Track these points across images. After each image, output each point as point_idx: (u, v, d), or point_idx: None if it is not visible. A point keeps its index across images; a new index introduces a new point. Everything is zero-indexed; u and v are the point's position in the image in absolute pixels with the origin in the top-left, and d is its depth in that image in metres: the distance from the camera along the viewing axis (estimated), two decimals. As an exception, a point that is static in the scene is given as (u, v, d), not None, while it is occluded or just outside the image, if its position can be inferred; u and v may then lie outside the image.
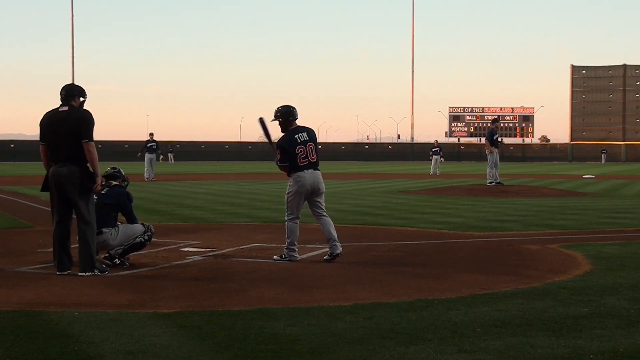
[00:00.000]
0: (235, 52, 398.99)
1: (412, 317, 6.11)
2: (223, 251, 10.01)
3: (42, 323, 5.89)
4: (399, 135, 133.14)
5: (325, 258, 9.23)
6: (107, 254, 8.90)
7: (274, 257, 9.39)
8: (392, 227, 13.22)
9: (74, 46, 77.16)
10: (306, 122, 14.70)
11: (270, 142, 10.00)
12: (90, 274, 8.16)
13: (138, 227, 9.07)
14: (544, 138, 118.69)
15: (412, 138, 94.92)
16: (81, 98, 8.48)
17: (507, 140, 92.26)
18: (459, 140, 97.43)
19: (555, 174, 42.61)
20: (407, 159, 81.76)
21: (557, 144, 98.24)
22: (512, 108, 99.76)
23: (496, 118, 27.47)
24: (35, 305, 6.59)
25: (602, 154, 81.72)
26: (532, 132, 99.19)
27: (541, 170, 51.49)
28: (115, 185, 9.21)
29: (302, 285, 7.61)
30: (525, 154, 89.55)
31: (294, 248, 9.29)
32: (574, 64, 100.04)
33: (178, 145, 76.30)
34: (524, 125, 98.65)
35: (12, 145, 70.92)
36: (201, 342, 5.34)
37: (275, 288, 7.42)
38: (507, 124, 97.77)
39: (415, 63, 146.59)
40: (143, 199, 19.81)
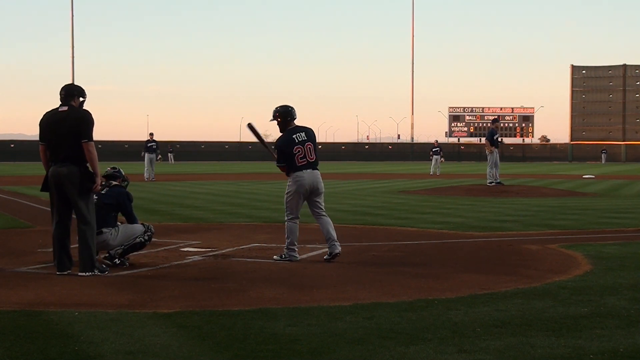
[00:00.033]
0: (235, 52, 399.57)
1: (412, 317, 6.11)
2: (223, 251, 10.01)
3: (42, 323, 5.89)
4: (399, 135, 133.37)
5: (325, 258, 9.24)
6: (107, 254, 8.90)
7: (274, 257, 9.38)
8: (392, 227, 13.21)
9: (74, 46, 77.25)
10: (306, 122, 14.70)
11: (264, 144, 10.01)
12: (90, 274, 8.16)
13: (138, 227, 9.07)
14: (544, 138, 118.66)
15: (412, 138, 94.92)
16: (81, 98, 8.47)
17: (507, 140, 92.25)
18: (459, 140, 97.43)
19: (555, 174, 42.60)
20: (407, 159, 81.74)
21: (557, 144, 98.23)
22: (512, 108, 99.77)
23: (496, 118, 27.47)
24: (35, 305, 6.58)
25: (602, 154, 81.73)
26: (532, 132, 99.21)
27: (541, 170, 51.48)
28: (115, 185, 9.21)
29: (302, 285, 7.61)
30: (525, 154, 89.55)
31: (294, 248, 9.29)
32: (574, 64, 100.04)
33: (178, 145, 76.27)
34: (524, 125, 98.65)
35: (12, 145, 70.91)
36: (201, 342, 5.34)
37: (275, 288, 7.42)
38: (507, 124, 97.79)
39: (415, 63, 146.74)
40: (143, 199, 19.80)
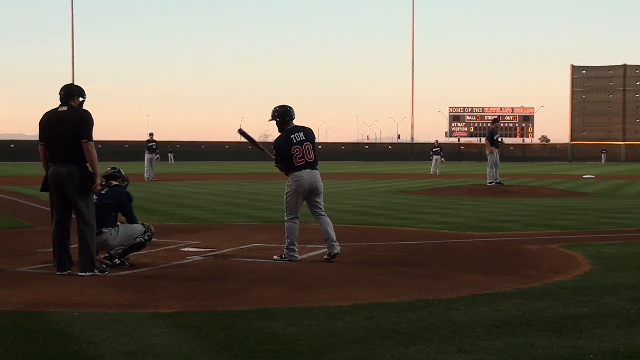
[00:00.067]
0: (235, 52, 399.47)
1: (412, 317, 6.11)
2: (223, 251, 10.01)
3: (42, 323, 5.89)
4: (399, 135, 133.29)
5: (325, 258, 9.24)
6: (107, 254, 8.89)
7: (274, 257, 9.38)
8: (392, 227, 13.21)
9: (74, 46, 77.24)
10: (306, 122, 14.69)
11: (257, 147, 10.02)
12: (90, 274, 8.16)
13: (138, 227, 9.07)
14: (544, 138, 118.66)
15: (412, 138, 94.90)
16: (80, 98, 8.47)
17: (507, 140, 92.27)
18: (459, 140, 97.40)
19: (555, 174, 42.60)
20: (407, 159, 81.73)
21: (557, 144, 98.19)
22: (512, 108, 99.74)
23: (496, 118, 27.48)
24: (35, 305, 6.58)
25: (602, 154, 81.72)
26: (532, 132, 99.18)
27: (541, 170, 51.48)
28: (115, 185, 9.21)
29: (302, 285, 7.61)
30: (525, 154, 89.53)
31: (293, 248, 9.28)
32: (574, 64, 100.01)
33: (178, 145, 76.24)
34: (524, 125, 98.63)
35: (12, 145, 70.90)
36: (201, 342, 5.34)
37: (275, 288, 7.42)
38: (507, 124, 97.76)
39: (415, 63, 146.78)
40: (143, 199, 19.80)
